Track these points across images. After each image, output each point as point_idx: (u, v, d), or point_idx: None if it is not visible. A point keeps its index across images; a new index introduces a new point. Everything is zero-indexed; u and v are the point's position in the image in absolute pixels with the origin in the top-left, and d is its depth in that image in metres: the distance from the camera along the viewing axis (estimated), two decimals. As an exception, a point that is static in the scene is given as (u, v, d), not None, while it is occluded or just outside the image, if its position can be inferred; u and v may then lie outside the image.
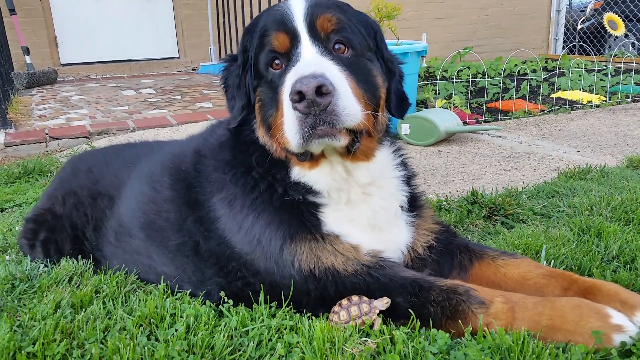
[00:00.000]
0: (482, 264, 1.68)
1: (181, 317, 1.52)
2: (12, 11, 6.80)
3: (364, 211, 1.58)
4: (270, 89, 1.48)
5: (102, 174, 2.05)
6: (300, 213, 1.53)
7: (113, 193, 1.96)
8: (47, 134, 4.35)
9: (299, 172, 1.55)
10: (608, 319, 1.31)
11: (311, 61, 1.38)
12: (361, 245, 1.53)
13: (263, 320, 1.49)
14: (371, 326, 1.43)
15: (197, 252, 1.67)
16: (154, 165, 1.89)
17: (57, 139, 4.33)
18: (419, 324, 1.41)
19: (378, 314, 1.44)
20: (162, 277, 1.74)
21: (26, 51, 6.96)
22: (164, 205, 1.76)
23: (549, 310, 1.36)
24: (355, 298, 1.47)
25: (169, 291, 1.71)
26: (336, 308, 1.48)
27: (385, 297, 1.45)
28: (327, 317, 1.50)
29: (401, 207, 1.69)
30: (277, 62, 1.47)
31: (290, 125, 1.35)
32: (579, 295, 1.45)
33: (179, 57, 8.51)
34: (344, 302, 1.48)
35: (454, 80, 5.58)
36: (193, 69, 8.35)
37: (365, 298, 1.47)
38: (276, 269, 1.52)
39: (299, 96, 1.29)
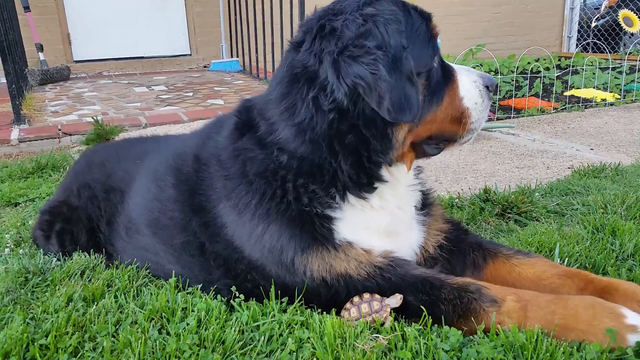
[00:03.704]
0: (497, 263, 1.66)
1: (192, 311, 1.53)
2: (27, 8, 6.86)
3: (384, 218, 1.56)
4: (434, 78, 1.49)
5: (114, 168, 2.06)
6: (312, 225, 1.49)
7: (124, 188, 1.96)
8: (60, 130, 4.39)
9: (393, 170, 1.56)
10: (622, 318, 1.29)
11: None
12: (374, 248, 1.51)
13: (274, 315, 1.49)
14: (382, 324, 1.43)
15: (203, 253, 1.65)
16: (158, 162, 1.88)
17: (70, 134, 4.36)
18: (430, 320, 1.41)
19: (390, 312, 1.43)
20: (171, 275, 1.73)
21: (40, 48, 7.01)
22: (168, 204, 1.75)
23: (562, 309, 1.34)
24: (367, 295, 1.46)
25: (180, 285, 1.71)
26: (348, 305, 1.48)
27: (398, 294, 1.44)
28: (339, 313, 1.49)
29: (415, 207, 1.68)
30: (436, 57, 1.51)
31: (479, 110, 1.56)
32: (595, 295, 1.42)
33: (190, 55, 8.53)
34: (356, 299, 1.47)
35: (466, 78, 5.52)
36: (205, 66, 8.36)
37: (377, 295, 1.46)
38: (287, 275, 1.51)
39: (489, 88, 1.58)
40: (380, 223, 1.55)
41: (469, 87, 1.55)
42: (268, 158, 1.51)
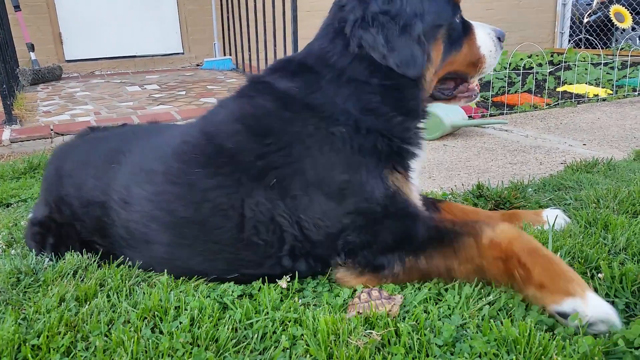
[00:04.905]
0: (445, 205, 2.11)
1: (185, 309, 1.52)
2: (17, 8, 6.81)
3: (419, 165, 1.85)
4: (454, 30, 1.83)
5: (82, 177, 1.93)
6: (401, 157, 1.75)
7: (102, 198, 1.83)
8: (52, 130, 4.36)
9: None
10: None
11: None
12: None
13: (267, 312, 1.49)
14: (390, 310, 1.47)
15: (265, 225, 1.64)
16: (160, 162, 1.78)
17: (62, 134, 4.33)
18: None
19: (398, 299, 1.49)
20: (201, 273, 1.73)
21: (31, 48, 6.97)
22: (208, 195, 1.67)
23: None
24: (375, 293, 1.49)
25: (173, 284, 1.70)
26: (355, 300, 1.50)
27: (399, 295, 1.50)
28: (346, 311, 1.52)
29: None
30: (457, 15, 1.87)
31: (493, 57, 1.93)
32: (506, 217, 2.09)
33: (183, 53, 8.50)
34: (364, 296, 1.49)
35: (459, 74, 5.53)
36: (197, 65, 8.34)
37: (385, 293, 1.50)
38: (369, 188, 1.64)
39: (500, 39, 1.95)
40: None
41: (485, 38, 1.91)
42: (360, 95, 1.72)
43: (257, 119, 1.72)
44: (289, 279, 1.67)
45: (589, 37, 8.85)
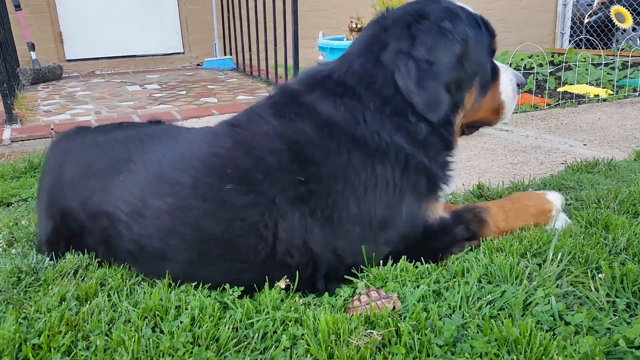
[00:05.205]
0: None
1: (186, 309, 1.52)
2: (18, 7, 6.80)
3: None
4: (486, 78, 1.86)
5: (87, 188, 1.82)
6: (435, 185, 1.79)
7: (109, 210, 1.73)
8: (52, 129, 4.36)
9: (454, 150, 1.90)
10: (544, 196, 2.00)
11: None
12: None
13: (268, 312, 1.49)
14: (393, 308, 1.48)
15: (298, 249, 1.61)
16: (187, 174, 1.66)
17: (63, 134, 4.33)
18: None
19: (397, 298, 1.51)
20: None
21: (31, 47, 6.96)
22: (241, 213, 1.59)
23: (517, 203, 1.96)
24: (374, 294, 1.49)
25: (174, 284, 1.70)
26: (356, 303, 1.50)
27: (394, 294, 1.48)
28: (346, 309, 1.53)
29: None
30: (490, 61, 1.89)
31: (511, 103, 1.95)
32: None
33: (183, 53, 8.50)
34: (364, 298, 1.49)
35: (460, 74, 5.52)
36: (198, 64, 8.34)
37: (382, 292, 1.50)
38: (412, 217, 1.69)
39: (519, 86, 1.97)
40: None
41: (507, 84, 1.92)
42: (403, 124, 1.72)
43: (301, 145, 1.64)
44: (287, 280, 1.66)
45: (590, 37, 8.84)
